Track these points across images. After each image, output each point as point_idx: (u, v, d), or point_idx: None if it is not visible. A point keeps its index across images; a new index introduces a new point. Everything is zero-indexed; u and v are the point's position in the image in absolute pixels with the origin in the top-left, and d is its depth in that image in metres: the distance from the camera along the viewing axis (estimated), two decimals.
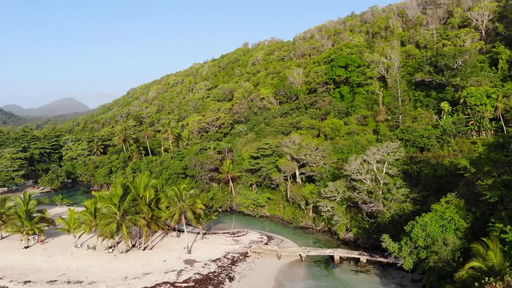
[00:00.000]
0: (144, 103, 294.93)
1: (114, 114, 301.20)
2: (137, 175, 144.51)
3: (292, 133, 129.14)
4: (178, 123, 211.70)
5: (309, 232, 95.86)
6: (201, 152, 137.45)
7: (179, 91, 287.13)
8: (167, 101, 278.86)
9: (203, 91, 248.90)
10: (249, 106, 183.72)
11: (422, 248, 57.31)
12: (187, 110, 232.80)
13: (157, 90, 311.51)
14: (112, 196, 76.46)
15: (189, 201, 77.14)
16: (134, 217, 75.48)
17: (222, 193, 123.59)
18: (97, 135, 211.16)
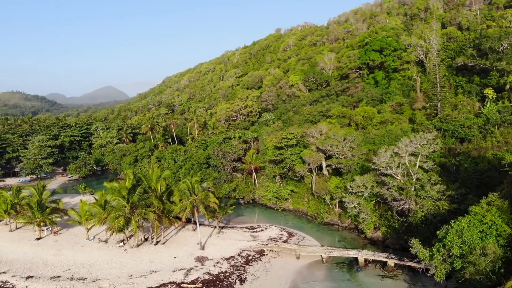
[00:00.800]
0: (176, 92, 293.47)
1: (147, 102, 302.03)
2: (162, 164, 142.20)
3: (321, 122, 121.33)
4: (207, 112, 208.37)
5: (334, 229, 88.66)
6: (225, 141, 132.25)
7: (210, 79, 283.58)
8: (198, 89, 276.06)
9: (233, 79, 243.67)
10: (277, 94, 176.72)
11: (456, 257, 49.19)
12: (216, 98, 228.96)
13: (189, 79, 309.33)
14: (121, 188, 72.42)
15: (201, 195, 71.88)
16: (143, 211, 71.09)
17: (245, 184, 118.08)
18: (127, 123, 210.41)
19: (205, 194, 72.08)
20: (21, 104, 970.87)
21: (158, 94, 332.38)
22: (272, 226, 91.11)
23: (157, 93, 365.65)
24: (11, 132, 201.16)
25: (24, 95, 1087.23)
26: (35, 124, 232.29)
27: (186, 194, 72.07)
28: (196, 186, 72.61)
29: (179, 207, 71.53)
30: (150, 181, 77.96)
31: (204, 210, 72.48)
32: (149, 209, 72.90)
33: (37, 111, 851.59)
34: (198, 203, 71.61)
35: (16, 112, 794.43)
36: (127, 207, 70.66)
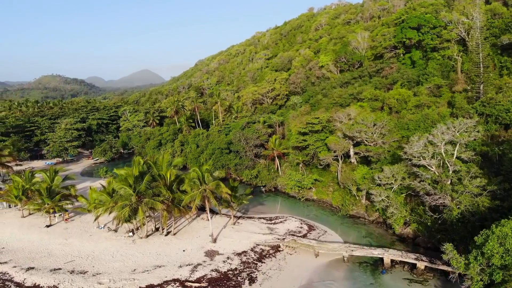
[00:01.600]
0: (205, 74, 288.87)
1: (177, 86, 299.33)
2: (185, 148, 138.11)
3: (351, 106, 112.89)
4: (234, 95, 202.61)
5: (359, 223, 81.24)
6: (248, 126, 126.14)
7: (240, 61, 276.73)
8: (227, 72, 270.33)
9: (262, 60, 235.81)
10: (306, 76, 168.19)
11: (497, 268, 41.17)
12: (245, 81, 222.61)
13: (219, 61, 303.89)
14: (128, 175, 67.78)
15: (212, 185, 66.24)
16: (151, 200, 66.31)
17: (267, 171, 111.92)
18: (154, 107, 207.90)
19: (216, 184, 66.37)
20: (61, 87, 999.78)
21: (189, 77, 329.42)
22: (292, 217, 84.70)
23: (188, 76, 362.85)
24: (40, 115, 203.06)
25: (64, 78, 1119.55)
26: (65, 107, 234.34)
27: (196, 183, 66.62)
28: (206, 176, 66.90)
29: (189, 197, 66.28)
30: (160, 168, 73.10)
31: (215, 200, 66.85)
32: (158, 198, 68.09)
33: (76, 94, 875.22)
34: (208, 193, 66.03)
35: (56, 95, 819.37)
36: (133, 196, 66.05)
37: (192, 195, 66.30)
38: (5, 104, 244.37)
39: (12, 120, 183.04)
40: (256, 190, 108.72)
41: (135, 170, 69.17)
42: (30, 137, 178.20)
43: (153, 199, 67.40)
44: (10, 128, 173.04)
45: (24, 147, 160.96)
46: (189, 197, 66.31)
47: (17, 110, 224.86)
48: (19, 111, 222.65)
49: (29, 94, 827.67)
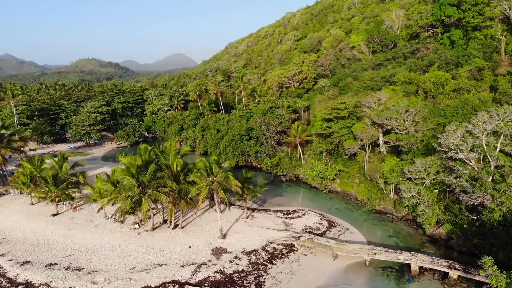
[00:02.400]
0: (233, 57, 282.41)
1: (205, 69, 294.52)
2: (206, 134, 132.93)
3: (383, 89, 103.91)
4: (260, 78, 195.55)
5: (386, 219, 73.52)
6: (270, 111, 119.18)
7: (268, 43, 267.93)
8: (255, 54, 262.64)
9: (290, 42, 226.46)
10: (336, 57, 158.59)
11: None
12: (273, 64, 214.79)
13: (247, 43, 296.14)
14: (131, 165, 62.72)
15: (220, 176, 60.18)
16: (155, 192, 61.14)
17: (289, 160, 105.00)
18: (179, 90, 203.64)
19: (224, 176, 60.23)
20: (96, 71, 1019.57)
21: (217, 61, 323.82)
22: (312, 211, 77.83)
23: (218, 59, 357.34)
24: (66, 98, 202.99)
25: (99, 61, 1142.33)
26: (92, 90, 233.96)
27: (203, 175, 60.75)
28: (214, 167, 60.83)
29: (195, 189, 60.55)
30: (168, 157, 67.74)
31: (224, 193, 60.83)
32: (163, 189, 62.87)
33: (110, 77, 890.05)
34: (216, 186, 60.04)
35: (91, 78, 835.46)
36: (136, 187, 61.00)
37: (198, 187, 60.57)
38: (35, 87, 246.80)
39: (38, 104, 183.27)
40: (276, 179, 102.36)
41: (138, 159, 64.04)
42: (55, 120, 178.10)
43: (158, 191, 62.23)
44: (36, 112, 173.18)
45: (47, 130, 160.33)
46: (195, 190, 60.62)
47: (45, 93, 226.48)
48: (47, 94, 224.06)
49: (66, 77, 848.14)
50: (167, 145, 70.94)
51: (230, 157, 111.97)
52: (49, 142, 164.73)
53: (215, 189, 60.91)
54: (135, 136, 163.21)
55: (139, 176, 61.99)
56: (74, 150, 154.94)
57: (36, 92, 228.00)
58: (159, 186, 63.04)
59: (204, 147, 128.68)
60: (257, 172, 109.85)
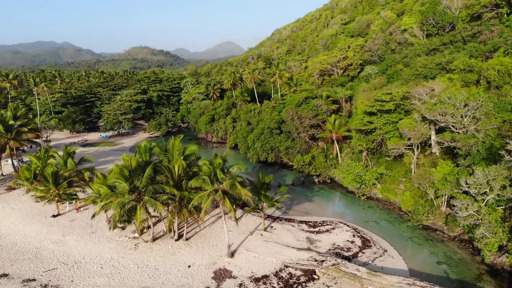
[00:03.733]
0: (276, 43, 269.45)
1: (246, 56, 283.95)
2: (238, 125, 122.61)
3: (437, 78, 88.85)
4: (302, 65, 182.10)
5: (435, 238, 59.80)
6: (306, 101, 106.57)
7: (314, 28, 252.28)
8: (299, 40, 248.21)
9: (337, 26, 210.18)
10: (385, 42, 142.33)
11: None
12: (317, 50, 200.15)
13: (292, 29, 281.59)
14: (124, 166, 53.27)
15: (226, 184, 49.27)
16: (150, 200, 51.44)
17: (324, 158, 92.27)
18: (216, 79, 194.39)
19: (231, 184, 49.22)
20: (148, 59, 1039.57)
21: (260, 47, 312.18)
22: (344, 224, 65.23)
23: (262, 46, 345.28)
24: (103, 86, 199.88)
25: (151, 50, 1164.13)
26: (131, 78, 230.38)
27: (206, 181, 50.17)
28: (219, 173, 49.91)
29: (196, 199, 50.14)
30: (171, 157, 57.85)
31: (231, 204, 49.91)
32: (162, 196, 53.05)
33: (161, 65, 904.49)
34: (219, 196, 49.23)
35: (143, 65, 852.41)
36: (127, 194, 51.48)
37: (200, 196, 50.04)
38: (76, 75, 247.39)
39: (74, 91, 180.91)
40: (308, 180, 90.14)
41: (133, 160, 54.47)
42: (91, 108, 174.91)
43: (155, 198, 52.50)
44: (71, 99, 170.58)
45: (79, 119, 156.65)
46: (196, 199, 50.17)
47: (85, 81, 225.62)
48: (87, 82, 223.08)
49: (119, 64, 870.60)
50: (170, 143, 60.71)
51: (258, 152, 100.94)
52: (82, 131, 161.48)
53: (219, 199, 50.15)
54: (168, 126, 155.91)
55: (133, 180, 52.46)
56: (105, 139, 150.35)
57: (77, 79, 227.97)
58: (157, 192, 53.25)
59: (234, 140, 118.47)
60: (288, 170, 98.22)
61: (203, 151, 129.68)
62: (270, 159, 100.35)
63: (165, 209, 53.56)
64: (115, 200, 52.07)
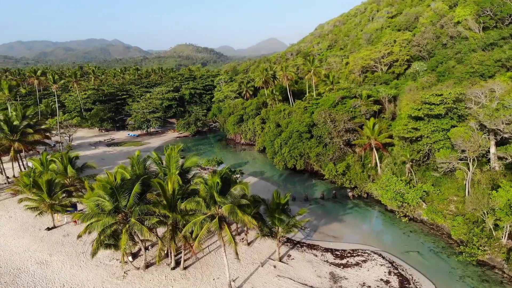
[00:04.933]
0: (316, 39, 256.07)
1: (285, 52, 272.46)
2: (266, 127, 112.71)
3: (497, 76, 75.08)
4: (343, 61, 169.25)
5: (493, 279, 47.20)
6: (342, 102, 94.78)
7: (358, 22, 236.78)
8: (342, 34, 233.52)
9: (382, 19, 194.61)
10: (436, 35, 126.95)
11: None
12: (360, 45, 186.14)
13: (334, 23, 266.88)
14: (108, 182, 44.55)
15: (225, 209, 39.42)
16: (136, 223, 42.48)
17: (360, 168, 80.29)
18: (249, 76, 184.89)
19: (230, 209, 39.29)
20: (193, 56, 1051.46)
21: (301, 43, 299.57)
22: (379, 255, 53.46)
23: (307, 42, 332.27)
24: (136, 83, 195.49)
25: (196, 47, 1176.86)
26: (165, 75, 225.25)
27: (201, 204, 40.55)
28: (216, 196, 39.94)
29: (188, 226, 40.66)
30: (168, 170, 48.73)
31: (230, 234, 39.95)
32: (152, 219, 43.94)
33: (205, 63, 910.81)
34: (214, 226, 39.42)
35: (187, 62, 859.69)
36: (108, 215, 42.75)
37: (192, 224, 40.43)
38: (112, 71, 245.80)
39: (106, 88, 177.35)
40: (340, 193, 78.60)
41: (118, 175, 45.77)
42: (122, 105, 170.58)
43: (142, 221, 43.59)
44: (102, 97, 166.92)
45: (107, 117, 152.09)
46: (188, 228, 40.69)
47: (120, 78, 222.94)
48: (122, 78, 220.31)
49: (165, 61, 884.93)
50: (167, 153, 51.32)
51: (285, 158, 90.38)
52: (111, 129, 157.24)
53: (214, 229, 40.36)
54: (197, 126, 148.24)
55: (118, 198, 43.72)
56: (132, 138, 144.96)
57: (113, 76, 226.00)
58: (147, 214, 44.27)
59: (262, 142, 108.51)
60: (318, 180, 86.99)
61: (231, 154, 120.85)
62: (298, 166, 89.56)
63: (154, 235, 44.38)
64: (98, 221, 43.59)
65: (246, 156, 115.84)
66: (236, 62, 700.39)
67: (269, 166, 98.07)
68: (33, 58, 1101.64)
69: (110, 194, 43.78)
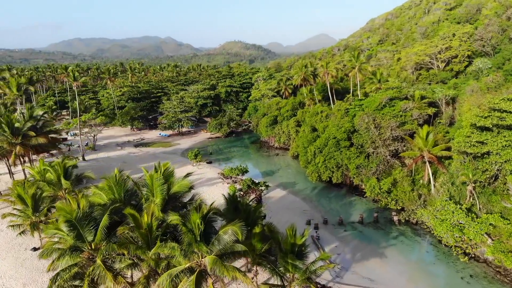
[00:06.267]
0: (366, 33, 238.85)
1: (332, 48, 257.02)
2: (301, 130, 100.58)
3: None
4: (394, 57, 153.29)
5: None
6: (390, 104, 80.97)
7: (412, 15, 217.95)
8: (394, 28, 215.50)
9: (440, 11, 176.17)
10: (502, 28, 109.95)
11: None
12: (414, 39, 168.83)
13: (386, 17, 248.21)
14: (67, 212, 34.66)
15: (209, 261, 28.29)
16: (101, 266, 32.51)
17: (410, 185, 66.33)
18: (289, 73, 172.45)
19: (214, 262, 28.19)
20: (241, 53, 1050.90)
21: (350, 38, 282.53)
22: None
23: (356, 36, 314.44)
24: (172, 80, 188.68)
25: (244, 44, 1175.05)
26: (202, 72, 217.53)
27: (176, 251, 29.67)
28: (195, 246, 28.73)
29: (163, 278, 30.03)
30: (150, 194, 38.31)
31: None
32: (124, 261, 33.90)
33: (253, 59, 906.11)
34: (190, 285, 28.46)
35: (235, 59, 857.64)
36: (67, 254, 33.21)
37: (168, 275, 29.80)
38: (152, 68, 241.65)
39: (143, 85, 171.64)
40: (383, 215, 65.30)
41: (82, 201, 35.94)
42: (157, 103, 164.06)
43: (109, 265, 33.62)
44: (137, 94, 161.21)
45: (138, 115, 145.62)
46: (163, 279, 30.07)
47: (159, 74, 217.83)
48: (160, 75, 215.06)
49: (214, 58, 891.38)
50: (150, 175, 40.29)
51: (319, 169, 77.93)
52: (144, 128, 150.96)
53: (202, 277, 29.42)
54: (230, 126, 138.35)
55: (82, 232, 33.93)
56: (162, 138, 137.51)
57: (153, 73, 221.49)
58: (118, 254, 34.20)
59: (296, 148, 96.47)
60: (358, 197, 73.94)
61: (263, 159, 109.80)
62: (335, 180, 76.81)
63: (125, 283, 34.12)
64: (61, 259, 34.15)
65: (279, 162, 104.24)
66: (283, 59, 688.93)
67: (302, 176, 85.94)
68: (90, 55, 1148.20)
69: (71, 227, 34.06)
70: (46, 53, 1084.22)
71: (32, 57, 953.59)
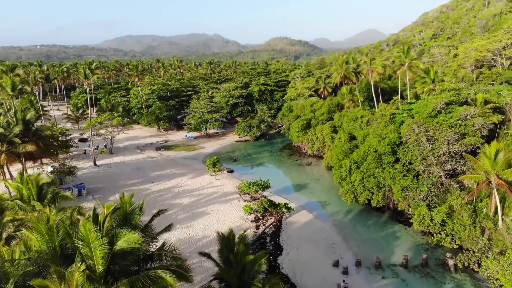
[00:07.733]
0: (418, 27, 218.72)
1: (380, 42, 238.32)
2: (337, 137, 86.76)
3: None
4: (450, 53, 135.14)
5: None
6: (447, 110, 65.66)
7: (470, 7, 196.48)
8: (450, 22, 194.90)
9: (502, 3, 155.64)
10: None
11: None
12: (473, 33, 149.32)
13: (441, 9, 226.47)
14: None
15: None
16: None
17: (471, 216, 51.18)
18: (329, 70, 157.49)
19: None
20: (286, 49, 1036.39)
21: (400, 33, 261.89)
22: None
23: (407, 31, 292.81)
24: (205, 78, 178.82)
25: (290, 40, 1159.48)
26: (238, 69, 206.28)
27: None
28: None
29: None
30: (90, 254, 26.63)
31: None
32: None
33: (298, 56, 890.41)
34: None
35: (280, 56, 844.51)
36: None
37: None
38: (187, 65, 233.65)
39: (173, 83, 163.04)
40: (435, 256, 50.70)
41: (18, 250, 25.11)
42: (187, 102, 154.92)
43: None
44: (167, 92, 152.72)
45: (164, 115, 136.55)
46: None
47: (194, 71, 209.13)
48: (196, 72, 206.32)
49: (259, 55, 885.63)
50: (84, 225, 28.06)
51: (356, 189, 63.89)
52: (171, 128, 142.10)
53: None
54: (259, 129, 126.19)
55: None
56: (188, 140, 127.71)
57: (188, 70, 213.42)
58: None
59: (330, 158, 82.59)
60: (402, 226, 59.36)
61: (293, 168, 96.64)
62: (375, 202, 62.52)
63: None
64: None
65: (311, 173, 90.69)
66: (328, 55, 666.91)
67: (336, 193, 71.78)
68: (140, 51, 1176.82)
69: None
70: (98, 50, 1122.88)
71: (85, 53, 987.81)
